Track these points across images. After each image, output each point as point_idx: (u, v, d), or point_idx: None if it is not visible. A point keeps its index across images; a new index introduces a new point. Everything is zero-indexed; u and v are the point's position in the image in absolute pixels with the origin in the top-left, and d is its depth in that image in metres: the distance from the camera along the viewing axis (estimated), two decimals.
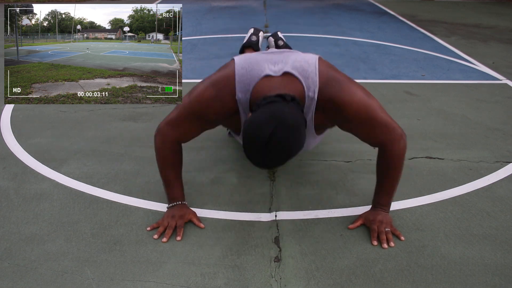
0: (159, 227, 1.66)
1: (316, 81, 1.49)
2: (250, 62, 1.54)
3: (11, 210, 1.79)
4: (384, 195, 1.68)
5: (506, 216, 1.76)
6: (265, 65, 1.52)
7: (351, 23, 5.91)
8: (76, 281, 1.42)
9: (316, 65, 1.52)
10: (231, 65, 1.57)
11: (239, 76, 1.52)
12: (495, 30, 5.46)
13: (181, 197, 1.73)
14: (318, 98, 1.49)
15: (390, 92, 3.19)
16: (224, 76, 1.55)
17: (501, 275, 1.45)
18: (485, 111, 2.83)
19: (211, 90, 1.54)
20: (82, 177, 2.03)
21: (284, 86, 1.47)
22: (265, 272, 1.46)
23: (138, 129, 2.54)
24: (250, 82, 1.50)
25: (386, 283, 1.42)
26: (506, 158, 2.21)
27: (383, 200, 1.68)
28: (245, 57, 1.57)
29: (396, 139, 1.56)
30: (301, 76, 1.49)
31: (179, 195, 1.73)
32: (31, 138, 2.43)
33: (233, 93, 1.52)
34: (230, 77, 1.53)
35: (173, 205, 1.72)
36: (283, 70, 1.50)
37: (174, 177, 1.73)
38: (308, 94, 1.49)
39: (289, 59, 1.54)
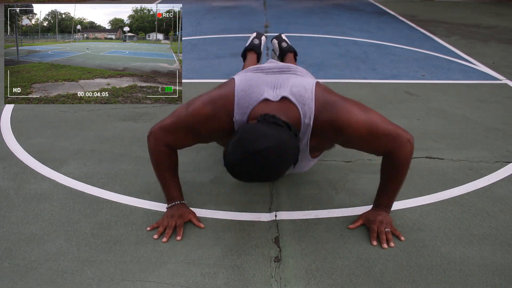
0: (159, 227, 1.66)
1: (312, 108, 1.49)
2: (250, 85, 1.54)
3: (11, 210, 1.79)
4: (386, 197, 1.68)
5: (506, 216, 1.76)
6: (264, 89, 1.52)
7: (351, 23, 5.91)
8: (76, 281, 1.42)
9: (312, 91, 1.52)
10: (231, 84, 1.57)
11: (238, 98, 1.52)
12: (495, 30, 5.46)
13: (179, 196, 1.73)
14: (313, 124, 1.50)
15: (390, 92, 3.19)
16: (223, 96, 1.54)
17: (501, 275, 1.45)
18: (485, 111, 2.83)
19: (209, 108, 1.53)
20: (82, 177, 2.03)
21: (281, 112, 1.47)
22: (265, 272, 1.46)
23: (138, 129, 2.54)
24: (249, 106, 1.50)
25: (386, 283, 1.42)
26: (506, 158, 2.21)
27: (385, 201, 1.68)
28: (245, 78, 1.57)
29: (401, 145, 1.54)
30: (298, 102, 1.49)
31: (177, 195, 1.73)
32: (31, 138, 2.43)
33: (230, 115, 1.52)
34: (229, 98, 1.53)
35: (172, 205, 1.72)
36: (281, 95, 1.50)
37: (170, 178, 1.72)
38: (304, 120, 1.49)
39: (288, 82, 1.54)
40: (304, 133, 1.53)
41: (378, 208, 1.68)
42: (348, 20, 6.11)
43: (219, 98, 1.54)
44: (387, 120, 1.56)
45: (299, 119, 1.49)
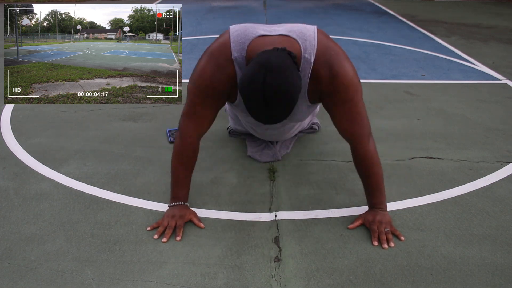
0: (159, 227, 1.66)
1: (314, 45, 1.49)
2: (245, 26, 1.56)
3: (11, 210, 1.79)
4: (374, 195, 1.68)
5: (506, 216, 1.76)
6: (260, 28, 1.54)
7: (351, 23, 5.91)
8: (76, 281, 1.42)
9: (315, 32, 1.53)
10: (226, 32, 1.59)
11: (233, 37, 1.53)
12: (495, 30, 5.46)
13: (184, 198, 1.73)
14: (314, 62, 1.49)
15: (390, 92, 3.19)
16: (219, 44, 1.57)
17: (501, 275, 1.45)
18: (485, 111, 2.83)
19: (210, 62, 1.55)
20: (82, 177, 2.03)
21: (280, 43, 1.46)
22: (265, 272, 1.46)
23: (138, 129, 2.54)
24: (245, 41, 1.51)
25: (386, 283, 1.42)
26: (506, 158, 2.21)
27: (375, 199, 1.68)
28: (240, 24, 1.59)
29: (365, 135, 1.60)
30: (298, 38, 1.49)
31: (183, 196, 1.73)
32: (31, 138, 2.43)
33: (229, 56, 1.52)
34: (225, 42, 1.54)
35: (174, 204, 1.71)
36: (279, 33, 1.51)
37: (184, 177, 1.72)
38: (304, 55, 1.48)
39: (286, 25, 1.56)
40: (304, 70, 1.51)
41: (374, 208, 1.69)
42: (348, 20, 6.11)
43: (216, 48, 1.56)
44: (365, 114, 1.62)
45: (299, 53, 1.48)
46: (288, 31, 1.52)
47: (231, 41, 1.53)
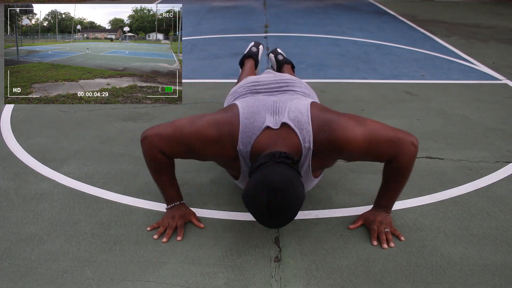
0: (159, 228, 1.66)
1: (310, 131, 1.51)
2: (252, 112, 1.56)
3: (11, 210, 1.79)
4: (387, 199, 1.67)
5: (506, 216, 1.76)
6: (265, 116, 1.55)
7: (351, 23, 5.91)
8: (76, 281, 1.42)
9: (308, 115, 1.54)
10: (235, 111, 1.58)
11: (243, 127, 1.53)
12: (495, 30, 5.46)
13: (178, 197, 1.73)
14: (313, 147, 1.51)
15: (390, 92, 3.19)
16: (228, 122, 1.55)
17: (501, 275, 1.45)
18: (485, 111, 2.83)
19: (214, 131, 1.53)
20: (82, 177, 2.03)
21: (282, 140, 1.51)
22: (265, 272, 1.46)
23: (138, 129, 2.54)
24: (252, 135, 1.52)
25: (386, 283, 1.42)
26: (506, 158, 2.21)
27: (385, 202, 1.68)
28: (247, 105, 1.59)
29: (404, 149, 1.53)
30: (296, 128, 1.52)
31: (175, 195, 1.72)
32: (31, 138, 2.43)
33: (235, 144, 1.53)
34: (235, 125, 1.54)
35: (171, 206, 1.71)
36: (281, 121, 1.53)
37: (168, 180, 1.69)
38: (304, 145, 1.51)
39: (285, 107, 1.57)
40: (305, 157, 1.53)
41: (379, 208, 1.68)
42: (348, 20, 6.11)
43: (225, 124, 1.54)
44: (385, 126, 1.55)
45: (299, 145, 1.51)
46: (288, 118, 1.53)
47: (240, 130, 1.53)
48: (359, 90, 3.21)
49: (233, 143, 1.53)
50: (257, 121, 1.54)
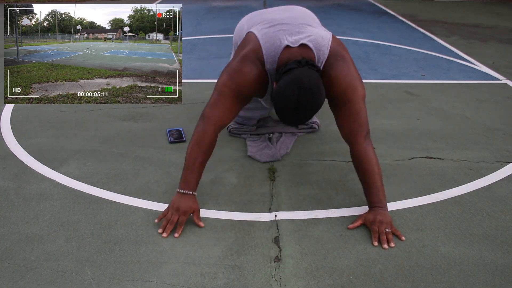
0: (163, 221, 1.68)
1: (326, 54, 1.72)
2: (270, 36, 1.74)
3: (11, 210, 1.79)
4: (372, 192, 1.70)
5: (506, 216, 1.76)
6: (283, 37, 1.73)
7: (351, 23, 5.91)
8: (76, 281, 1.42)
9: (329, 41, 1.74)
10: (254, 39, 1.77)
11: (265, 50, 1.72)
12: (495, 30, 5.46)
13: (193, 186, 1.72)
14: (322, 70, 1.71)
15: (390, 92, 3.19)
16: (252, 50, 1.74)
17: (501, 275, 1.45)
18: (485, 111, 2.83)
19: (249, 65, 1.72)
20: (82, 177, 2.03)
21: (301, 55, 1.68)
22: (265, 272, 1.46)
23: (138, 129, 2.54)
24: (275, 55, 1.71)
25: (386, 283, 1.42)
26: (506, 158, 2.22)
27: (373, 198, 1.70)
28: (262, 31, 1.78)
29: (363, 133, 1.71)
30: (315, 48, 1.70)
31: (193, 183, 1.72)
32: (31, 138, 2.43)
33: (263, 65, 1.73)
34: (258, 50, 1.73)
35: (183, 192, 1.70)
36: (300, 42, 1.71)
37: (199, 163, 1.72)
38: (318, 64, 1.70)
39: (305, 30, 1.76)
40: None
41: (374, 207, 1.69)
42: (348, 20, 6.11)
43: (250, 53, 1.74)
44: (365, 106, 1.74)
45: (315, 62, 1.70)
46: (308, 40, 1.71)
47: (263, 53, 1.72)
48: None
49: (262, 65, 1.73)
50: (276, 42, 1.72)
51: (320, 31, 1.78)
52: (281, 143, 2.28)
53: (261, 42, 1.74)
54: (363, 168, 1.71)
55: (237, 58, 1.76)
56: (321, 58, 1.71)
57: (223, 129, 1.80)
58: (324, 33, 1.78)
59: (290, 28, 1.76)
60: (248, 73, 1.71)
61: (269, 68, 1.73)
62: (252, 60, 1.72)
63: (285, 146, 2.26)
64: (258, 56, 1.72)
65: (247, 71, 1.71)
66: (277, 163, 2.15)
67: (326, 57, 1.71)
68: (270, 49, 1.72)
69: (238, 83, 1.72)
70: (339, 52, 1.75)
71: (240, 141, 2.37)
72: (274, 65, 1.72)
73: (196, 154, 1.72)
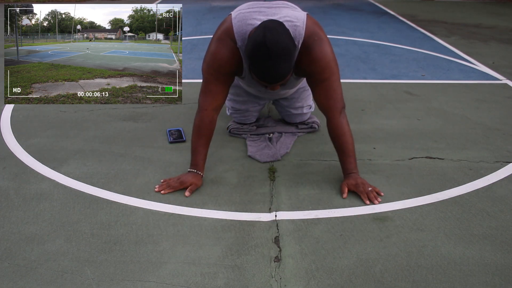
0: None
1: (302, 34, 1.78)
2: (244, 15, 1.82)
3: (11, 210, 1.79)
4: (347, 161, 1.90)
5: (506, 216, 1.76)
6: (257, 17, 1.80)
7: (351, 23, 5.91)
8: (76, 281, 1.42)
9: (304, 21, 1.82)
10: (228, 19, 1.86)
11: (236, 28, 1.80)
12: (495, 30, 5.47)
13: (200, 166, 1.92)
14: (300, 48, 1.77)
15: (390, 92, 3.19)
16: (225, 31, 1.83)
17: (501, 275, 1.45)
18: (485, 111, 2.83)
19: (220, 46, 1.82)
20: (82, 177, 2.03)
21: None
22: (265, 272, 1.46)
23: (138, 129, 2.54)
24: (246, 32, 1.78)
25: (386, 283, 1.42)
26: (506, 158, 2.22)
27: (349, 165, 1.90)
28: (239, 12, 1.86)
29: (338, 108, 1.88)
30: (290, 26, 1.74)
31: (198, 163, 1.92)
32: (31, 138, 2.43)
33: (234, 43, 1.80)
34: (229, 29, 1.81)
35: (189, 171, 1.92)
36: None
37: (201, 145, 1.92)
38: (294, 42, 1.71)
39: (281, 12, 1.82)
40: None
41: (350, 173, 1.89)
42: (348, 20, 6.11)
43: (222, 34, 1.83)
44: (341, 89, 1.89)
45: None
46: (284, 20, 1.76)
47: (234, 31, 1.80)
48: (359, 90, 3.21)
49: (234, 44, 1.80)
50: (248, 20, 1.80)
51: (295, 12, 1.85)
52: (281, 143, 2.28)
53: (233, 22, 1.82)
54: (339, 140, 1.90)
55: (211, 42, 1.87)
56: (298, 37, 1.77)
57: (221, 108, 1.94)
58: (299, 13, 1.86)
59: (266, 11, 1.83)
60: (220, 53, 1.81)
61: (240, 45, 1.80)
62: (223, 39, 1.81)
63: (285, 146, 2.26)
64: (229, 34, 1.80)
65: (219, 51, 1.82)
66: (277, 163, 2.15)
67: (303, 37, 1.78)
68: (241, 27, 1.79)
69: (215, 66, 1.83)
70: (316, 31, 1.82)
71: (240, 141, 2.37)
72: (245, 42, 1.77)
73: (197, 138, 1.92)
